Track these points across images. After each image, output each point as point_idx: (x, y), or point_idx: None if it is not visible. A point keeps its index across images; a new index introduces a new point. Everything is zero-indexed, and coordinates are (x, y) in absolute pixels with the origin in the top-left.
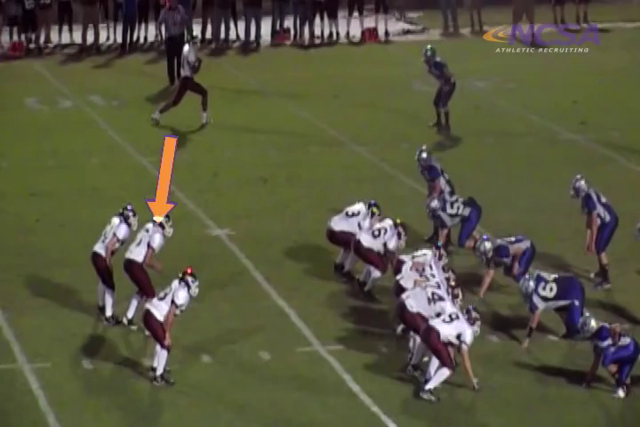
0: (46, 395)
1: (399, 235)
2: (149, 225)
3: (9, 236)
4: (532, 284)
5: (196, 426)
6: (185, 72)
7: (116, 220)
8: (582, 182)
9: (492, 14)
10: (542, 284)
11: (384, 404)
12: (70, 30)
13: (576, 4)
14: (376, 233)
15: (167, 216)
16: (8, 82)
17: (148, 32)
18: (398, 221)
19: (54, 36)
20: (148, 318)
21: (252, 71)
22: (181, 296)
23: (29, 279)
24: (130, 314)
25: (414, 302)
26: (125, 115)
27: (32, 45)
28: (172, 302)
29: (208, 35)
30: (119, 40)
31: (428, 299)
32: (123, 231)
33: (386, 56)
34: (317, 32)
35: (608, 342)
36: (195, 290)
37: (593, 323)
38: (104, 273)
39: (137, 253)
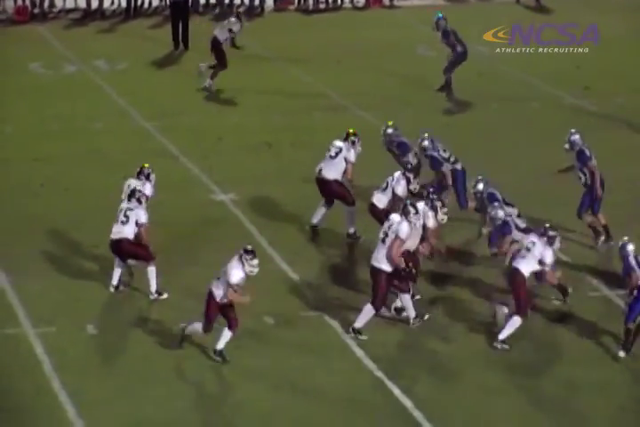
0: (50, 360)
1: (408, 180)
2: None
3: (14, 200)
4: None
5: (199, 390)
6: (220, 36)
7: (134, 181)
8: (577, 137)
9: None
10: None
11: (388, 368)
12: None
13: None
14: (383, 185)
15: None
16: (12, 46)
17: None
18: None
19: (58, 1)
20: (209, 299)
21: (256, 36)
22: (235, 274)
23: (34, 244)
24: (153, 287)
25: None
26: (129, 79)
27: (36, 10)
28: (227, 282)
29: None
30: (123, 5)
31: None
32: (148, 189)
33: (390, 21)
34: None
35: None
36: (250, 268)
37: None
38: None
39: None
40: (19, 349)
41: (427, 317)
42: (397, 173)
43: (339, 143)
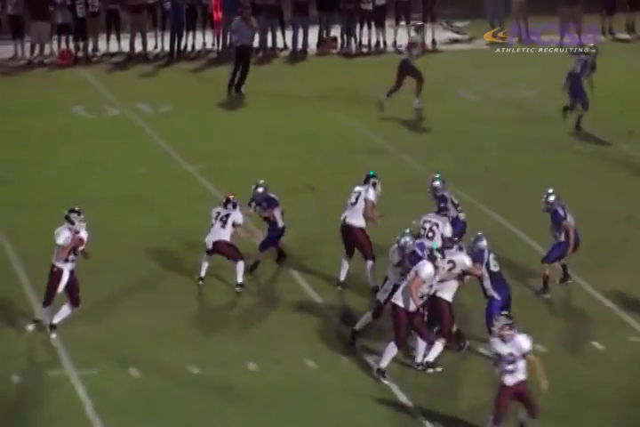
0: (93, 402)
1: (374, 185)
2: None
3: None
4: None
5: None
6: (406, 55)
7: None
8: (553, 198)
9: (538, 23)
10: None
11: (428, 412)
12: (118, 38)
13: (626, 13)
14: (352, 200)
15: None
16: (56, 90)
17: (196, 40)
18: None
19: (102, 45)
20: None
21: (299, 79)
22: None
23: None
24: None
25: None
26: (172, 122)
27: (80, 54)
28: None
29: (255, 43)
30: (166, 48)
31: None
32: (239, 217)
33: (432, 64)
34: (364, 41)
35: None
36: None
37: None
38: None
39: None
40: (61, 391)
41: (439, 369)
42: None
43: (358, 188)
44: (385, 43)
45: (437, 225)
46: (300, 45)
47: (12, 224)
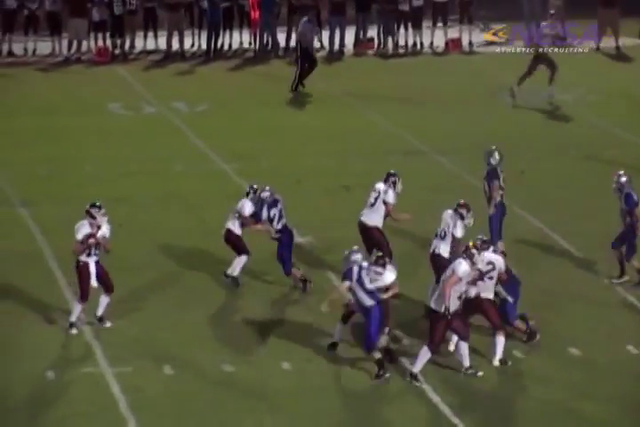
0: (127, 399)
1: (394, 184)
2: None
3: None
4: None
5: None
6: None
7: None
8: (624, 179)
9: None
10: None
11: (463, 414)
12: (155, 36)
13: None
14: (372, 201)
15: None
16: (93, 87)
17: (233, 39)
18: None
19: (139, 43)
20: None
21: (336, 80)
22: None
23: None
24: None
25: None
26: (208, 121)
27: (117, 51)
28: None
29: (292, 43)
30: (203, 47)
31: None
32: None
33: (469, 67)
34: (401, 42)
35: None
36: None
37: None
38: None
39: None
40: (96, 388)
41: (480, 374)
42: (380, 185)
43: (378, 186)
44: (422, 44)
45: (448, 226)
46: (336, 45)
47: (47, 220)
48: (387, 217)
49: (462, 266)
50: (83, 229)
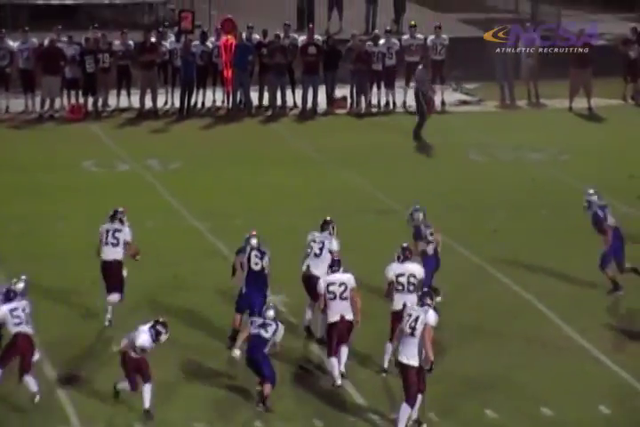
0: None
1: (333, 229)
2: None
3: (65, 299)
4: None
5: None
6: None
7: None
8: (594, 198)
9: (549, 87)
10: None
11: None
12: (128, 94)
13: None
14: (317, 251)
15: None
16: (66, 144)
17: (206, 97)
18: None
19: (112, 100)
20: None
21: (309, 138)
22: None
23: (86, 343)
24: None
25: None
26: (182, 179)
27: (90, 108)
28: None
29: (265, 101)
30: (177, 105)
31: None
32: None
33: (442, 125)
34: (374, 101)
35: None
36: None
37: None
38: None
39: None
40: None
41: None
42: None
43: (319, 236)
44: (395, 103)
45: (414, 275)
46: (309, 104)
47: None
48: None
49: (433, 315)
50: (126, 231)
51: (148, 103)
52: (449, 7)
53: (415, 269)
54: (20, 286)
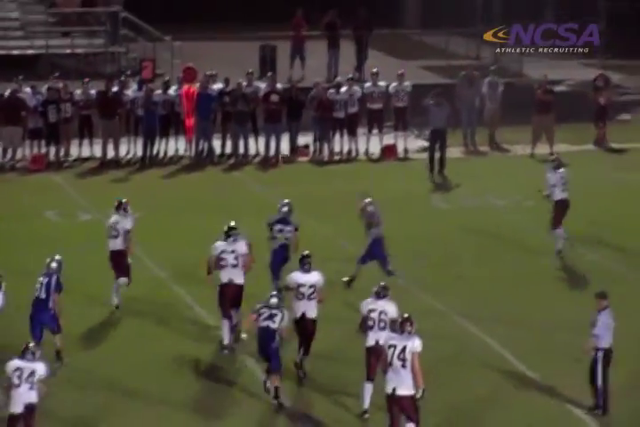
0: None
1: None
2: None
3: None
4: None
5: None
6: None
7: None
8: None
9: (512, 132)
10: None
11: None
12: (91, 144)
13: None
14: (234, 262)
15: None
16: (28, 194)
17: (169, 146)
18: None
19: (74, 150)
20: None
21: (272, 186)
22: None
23: None
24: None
25: None
26: (144, 228)
27: (52, 158)
28: None
29: (228, 149)
30: (139, 154)
31: None
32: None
33: (405, 173)
34: (337, 149)
35: None
36: None
37: None
38: None
39: None
40: None
41: None
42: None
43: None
44: (357, 150)
45: (386, 313)
46: (272, 152)
47: None
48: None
49: (418, 342)
50: (130, 219)
51: (110, 152)
52: (410, 54)
53: (388, 307)
54: (54, 265)
